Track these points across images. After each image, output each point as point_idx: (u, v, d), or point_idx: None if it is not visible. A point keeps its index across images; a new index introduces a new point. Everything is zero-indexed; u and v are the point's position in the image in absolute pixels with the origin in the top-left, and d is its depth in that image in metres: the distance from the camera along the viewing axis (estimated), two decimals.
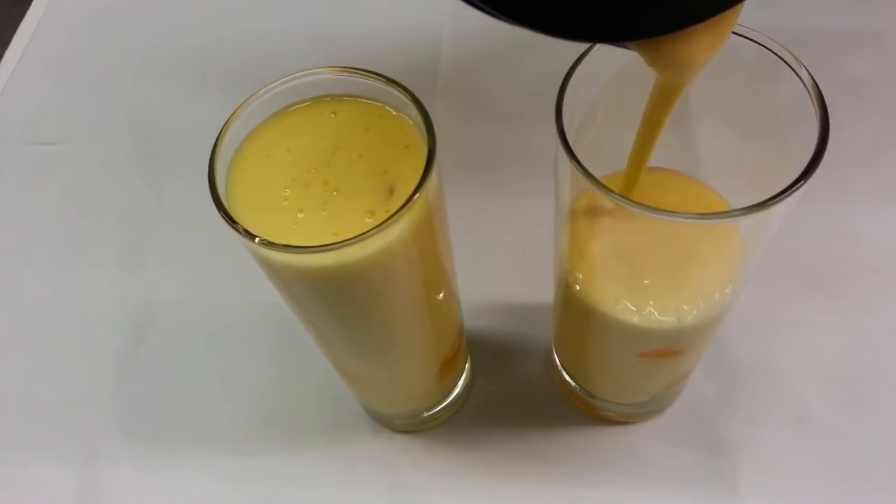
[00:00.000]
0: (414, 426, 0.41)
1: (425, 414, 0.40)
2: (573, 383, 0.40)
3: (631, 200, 0.23)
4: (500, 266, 0.46)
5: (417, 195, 0.24)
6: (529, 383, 0.42)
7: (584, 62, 0.26)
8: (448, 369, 0.38)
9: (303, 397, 0.43)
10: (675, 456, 0.39)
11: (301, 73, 0.27)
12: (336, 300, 0.27)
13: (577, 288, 0.30)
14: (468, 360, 0.42)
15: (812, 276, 0.44)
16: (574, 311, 0.33)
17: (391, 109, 0.27)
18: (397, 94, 0.26)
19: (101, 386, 0.44)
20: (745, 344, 0.42)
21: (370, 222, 0.25)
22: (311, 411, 0.42)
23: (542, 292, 0.38)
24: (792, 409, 0.40)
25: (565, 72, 0.25)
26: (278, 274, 0.26)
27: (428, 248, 0.28)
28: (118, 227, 0.51)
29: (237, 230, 0.24)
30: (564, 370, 0.40)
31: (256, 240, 0.23)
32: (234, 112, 0.26)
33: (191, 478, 0.41)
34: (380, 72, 0.27)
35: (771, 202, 0.22)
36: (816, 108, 0.23)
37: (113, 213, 0.52)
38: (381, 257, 0.25)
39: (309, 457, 0.41)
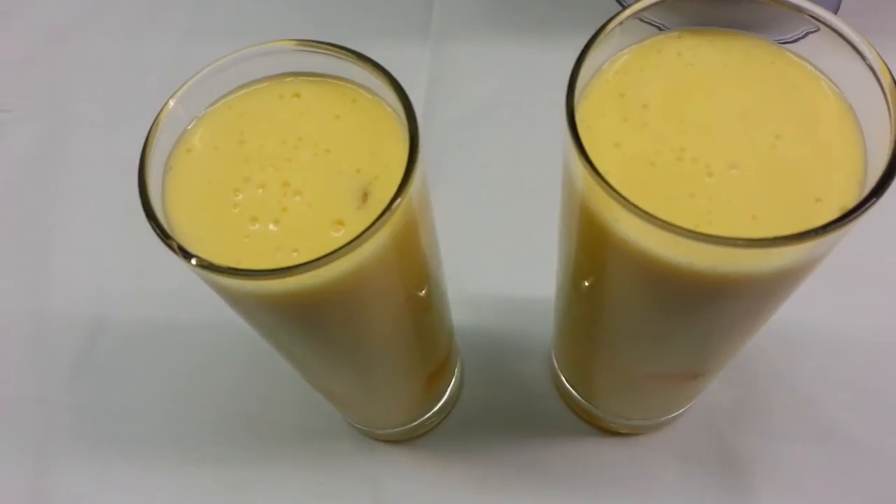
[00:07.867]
0: (398, 436, 0.37)
1: (410, 423, 0.36)
2: (574, 392, 0.36)
3: (649, 214, 0.18)
4: (493, 255, 0.42)
5: (398, 201, 0.20)
6: (525, 387, 0.39)
7: (597, 42, 0.21)
8: (435, 381, 0.34)
9: (277, 400, 0.40)
10: (686, 471, 0.36)
11: (257, 47, 0.22)
12: (300, 324, 0.23)
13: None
14: (458, 363, 0.38)
15: (839, 272, 0.39)
16: (579, 301, 0.28)
17: (365, 93, 0.23)
18: (372, 75, 0.21)
19: (53, 384, 0.41)
20: (764, 348, 0.38)
21: (338, 237, 0.20)
22: (287, 416, 0.39)
23: (542, 285, 0.34)
24: (815, 422, 0.37)
25: (565, 53, 0.21)
26: (229, 295, 0.22)
27: (410, 261, 0.24)
28: (69, 211, 0.46)
29: (171, 247, 0.19)
30: (564, 376, 0.36)
31: (193, 260, 0.19)
32: (173, 93, 0.22)
33: (152, 487, 0.38)
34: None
35: (834, 226, 0.18)
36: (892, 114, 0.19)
37: (65, 196, 0.47)
38: (352, 279, 0.20)
39: (283, 467, 0.38)
